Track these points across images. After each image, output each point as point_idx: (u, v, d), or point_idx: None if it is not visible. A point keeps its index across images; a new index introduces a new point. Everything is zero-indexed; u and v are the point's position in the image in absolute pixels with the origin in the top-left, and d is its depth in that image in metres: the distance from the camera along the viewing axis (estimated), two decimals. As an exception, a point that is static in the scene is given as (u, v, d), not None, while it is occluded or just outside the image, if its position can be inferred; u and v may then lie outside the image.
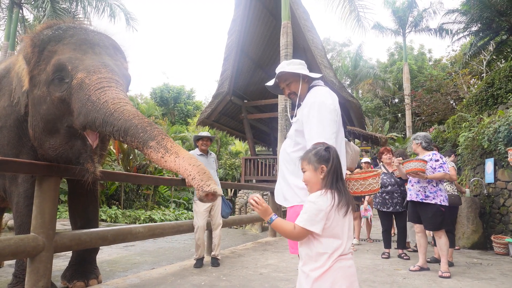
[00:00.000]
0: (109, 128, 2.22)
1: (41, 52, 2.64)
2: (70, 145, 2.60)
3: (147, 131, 2.07)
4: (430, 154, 4.21)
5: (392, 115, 26.53)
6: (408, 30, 22.72)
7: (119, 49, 2.95)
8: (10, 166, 2.51)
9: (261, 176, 13.91)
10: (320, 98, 2.07)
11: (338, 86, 12.08)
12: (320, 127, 1.97)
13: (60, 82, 2.51)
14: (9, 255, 2.50)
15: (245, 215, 10.66)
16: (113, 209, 12.23)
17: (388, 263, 4.58)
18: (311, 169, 1.67)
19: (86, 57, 2.56)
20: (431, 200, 4.02)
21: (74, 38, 2.65)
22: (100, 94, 2.31)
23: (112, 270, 4.44)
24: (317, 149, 1.70)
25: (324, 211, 1.55)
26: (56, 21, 2.90)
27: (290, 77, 2.25)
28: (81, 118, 2.36)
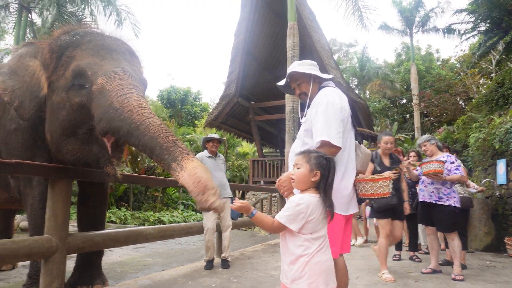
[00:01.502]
0: (135, 141, 2.24)
1: (59, 58, 2.65)
2: (88, 149, 2.60)
3: (171, 153, 2.10)
4: (445, 156, 4.17)
5: (400, 116, 26.34)
6: (415, 30, 22.53)
7: (134, 54, 2.96)
8: (24, 168, 2.53)
9: (269, 177, 13.89)
10: (328, 98, 2.08)
11: (345, 87, 12.04)
12: (326, 126, 1.98)
13: (79, 88, 2.51)
14: (24, 256, 2.53)
15: (253, 216, 10.66)
16: (122, 211, 12.32)
17: (400, 266, 4.54)
18: (307, 169, 1.72)
19: (105, 62, 2.56)
20: (445, 202, 3.98)
21: (92, 43, 2.66)
22: (123, 101, 2.31)
23: (123, 272, 4.47)
24: (320, 154, 1.75)
25: (305, 213, 1.63)
26: (73, 27, 2.92)
27: (301, 77, 2.27)
28: (103, 124, 2.36)
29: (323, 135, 1.96)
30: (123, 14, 15.70)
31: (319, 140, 1.97)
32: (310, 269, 1.62)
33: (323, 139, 1.96)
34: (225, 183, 4.57)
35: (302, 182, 1.73)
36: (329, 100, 2.06)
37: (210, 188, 1.89)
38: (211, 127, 14.47)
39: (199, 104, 31.42)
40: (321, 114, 2.03)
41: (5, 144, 3.05)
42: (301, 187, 1.74)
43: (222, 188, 4.47)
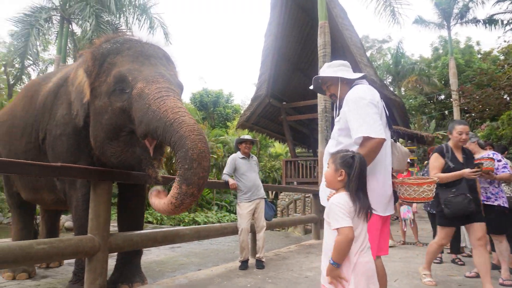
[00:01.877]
0: (168, 138, 2.34)
1: (101, 65, 2.78)
2: (131, 152, 2.71)
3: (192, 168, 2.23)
4: (490, 154, 3.94)
5: (438, 112, 25.28)
6: (453, 23, 21.50)
7: (170, 59, 3.08)
8: (68, 171, 2.68)
9: (302, 178, 13.79)
10: (357, 94, 2.06)
11: (379, 84, 11.72)
12: (361, 121, 1.95)
13: (121, 93, 2.63)
14: (70, 254, 2.68)
15: (288, 217, 10.62)
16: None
17: (441, 269, 4.35)
18: (332, 169, 1.76)
19: (144, 68, 2.67)
20: (493, 202, 3.76)
21: (131, 50, 2.78)
22: (160, 103, 2.41)
23: (161, 271, 4.60)
24: (345, 153, 1.78)
25: (345, 210, 1.65)
26: (113, 35, 3.08)
27: (329, 80, 2.27)
28: (143, 127, 2.47)
29: (360, 132, 1.92)
30: (155, 22, 16.22)
31: (358, 137, 1.93)
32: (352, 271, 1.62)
33: (362, 135, 1.92)
34: (258, 184, 4.59)
35: (330, 182, 1.79)
36: (359, 96, 2.04)
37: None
38: (243, 128, 14.58)
39: (231, 106, 31.78)
40: (353, 111, 2.00)
41: (52, 149, 3.23)
42: (331, 187, 1.81)
43: (256, 189, 4.49)
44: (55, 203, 3.77)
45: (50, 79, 3.65)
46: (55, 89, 3.37)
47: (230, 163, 4.51)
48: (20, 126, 3.64)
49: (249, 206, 4.34)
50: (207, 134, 18.59)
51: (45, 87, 3.56)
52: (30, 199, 3.94)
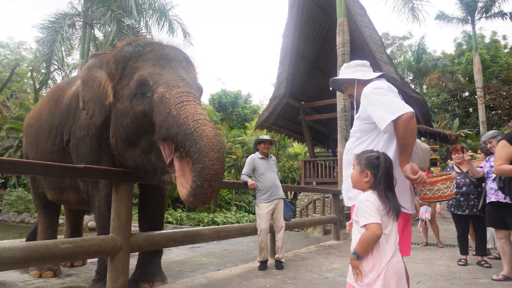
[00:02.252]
0: (187, 146, 2.39)
1: (124, 68, 2.84)
2: (147, 158, 2.77)
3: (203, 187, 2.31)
4: None
5: (462, 110, 24.52)
6: (478, 17, 20.80)
7: (190, 61, 3.11)
8: (91, 172, 2.75)
9: (321, 178, 13.67)
10: (372, 86, 2.05)
11: (400, 82, 11.49)
12: (382, 109, 1.92)
13: (142, 97, 2.68)
14: (93, 254, 2.74)
15: (307, 218, 10.55)
16: (178, 212, 12.84)
17: (466, 271, 4.22)
18: (358, 170, 1.77)
19: (165, 71, 2.71)
20: None
21: (153, 53, 2.82)
22: (181, 109, 2.46)
23: (181, 270, 4.65)
24: (370, 154, 1.77)
25: (375, 207, 1.64)
26: (135, 38, 3.13)
27: (345, 81, 2.29)
28: (164, 132, 2.52)
29: (386, 118, 1.87)
30: (175, 24, 16.44)
31: (387, 124, 1.87)
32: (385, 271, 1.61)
33: (387, 123, 1.87)
34: (277, 184, 4.58)
35: (356, 183, 1.80)
36: (374, 87, 2.03)
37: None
38: (262, 128, 14.58)
39: (249, 106, 31.84)
40: (372, 102, 1.98)
41: (76, 151, 3.32)
42: (358, 188, 1.81)
43: (274, 189, 4.48)
44: (79, 203, 3.87)
45: (74, 82, 3.76)
46: (78, 92, 3.47)
47: (249, 163, 4.52)
48: (46, 129, 3.76)
49: (268, 207, 4.34)
50: (226, 135, 18.70)
51: (69, 91, 3.66)
52: (55, 199, 4.06)
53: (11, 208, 13.76)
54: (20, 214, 13.46)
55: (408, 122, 1.85)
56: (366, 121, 2.06)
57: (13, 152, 15.31)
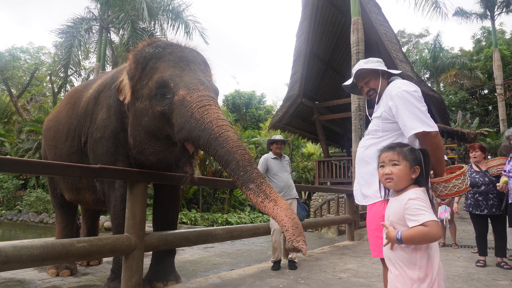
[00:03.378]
0: (212, 151, 2.42)
1: (144, 69, 2.87)
2: (170, 150, 2.84)
3: (247, 171, 2.26)
4: None
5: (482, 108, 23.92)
6: (498, 12, 20.24)
7: (207, 64, 3.14)
8: (106, 172, 2.80)
9: (336, 178, 13.56)
10: (404, 88, 2.01)
11: (416, 80, 11.30)
12: (414, 116, 1.92)
13: (162, 97, 2.72)
14: (108, 252, 2.79)
15: (321, 218, 10.48)
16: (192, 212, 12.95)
17: (485, 272, 4.11)
18: (406, 166, 1.65)
19: (184, 74, 2.75)
20: None
21: (173, 55, 2.86)
22: (203, 113, 2.50)
23: (195, 270, 4.68)
24: (412, 148, 1.69)
25: (428, 205, 1.57)
26: (155, 39, 3.17)
27: (368, 75, 2.22)
28: (184, 133, 2.57)
29: (415, 127, 1.88)
30: (190, 25, 16.59)
31: (413, 133, 1.89)
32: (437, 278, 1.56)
33: (417, 131, 1.88)
34: (290, 184, 4.56)
35: (401, 179, 1.65)
36: (407, 90, 1.99)
37: (303, 234, 2.03)
38: (276, 129, 14.56)
39: (263, 107, 31.87)
40: (403, 107, 1.95)
41: (93, 151, 3.39)
42: (401, 186, 1.67)
43: (288, 189, 4.47)
44: (95, 203, 3.94)
45: (91, 86, 3.83)
46: (95, 95, 3.53)
47: (262, 163, 4.52)
48: (64, 131, 3.85)
49: (281, 206, 4.32)
50: (240, 136, 18.76)
51: (86, 94, 3.74)
52: (72, 200, 4.15)
53: (31, 209, 14.14)
54: (39, 214, 13.82)
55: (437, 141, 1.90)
56: (389, 121, 2.04)
57: (32, 154, 15.74)
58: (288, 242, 1.97)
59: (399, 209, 1.60)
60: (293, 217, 2.04)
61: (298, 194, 4.61)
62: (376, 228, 1.99)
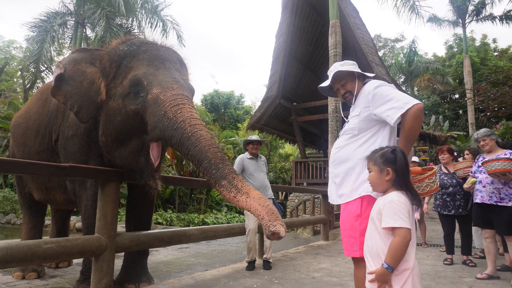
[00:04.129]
0: (184, 150, 2.40)
1: (118, 67, 2.82)
2: (136, 160, 2.79)
3: (219, 169, 2.24)
4: (507, 153, 3.82)
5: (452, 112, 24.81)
6: (469, 20, 21.10)
7: (183, 63, 3.12)
8: (78, 171, 2.72)
9: (312, 179, 13.71)
10: (375, 84, 2.10)
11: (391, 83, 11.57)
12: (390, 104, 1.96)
13: (135, 96, 2.68)
14: (77, 254, 2.70)
15: (297, 218, 10.57)
16: (168, 213, 12.78)
17: (452, 270, 4.27)
18: (376, 171, 1.70)
19: (159, 72, 2.71)
20: (507, 203, 3.67)
21: (147, 53, 2.82)
22: (177, 112, 2.47)
23: (168, 271, 4.63)
24: (383, 151, 1.72)
25: (407, 210, 1.59)
26: (130, 37, 3.11)
27: (345, 77, 2.26)
28: (157, 132, 2.54)
29: (401, 108, 1.92)
30: (168, 24, 16.39)
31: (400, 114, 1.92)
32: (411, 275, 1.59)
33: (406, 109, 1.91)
34: (266, 184, 4.58)
35: (377, 184, 1.72)
36: (377, 84, 2.08)
37: (280, 218, 2.00)
38: (254, 129, 14.58)
39: (242, 107, 31.85)
40: (383, 95, 2.01)
41: (64, 150, 3.29)
42: (380, 190, 1.73)
43: (263, 189, 4.48)
44: (66, 203, 3.83)
45: None
46: None
47: (238, 163, 4.52)
48: (34, 128, 3.72)
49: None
50: (217, 136, 18.68)
51: None
52: (42, 199, 4.02)
53: (-3, 209, 13.57)
54: (6, 215, 13.28)
55: (419, 113, 1.92)
56: (365, 119, 2.08)
57: (1, 152, 15.11)
58: (266, 229, 1.92)
59: (380, 207, 1.67)
60: (267, 204, 2.02)
61: (275, 195, 4.64)
62: (349, 228, 2.02)
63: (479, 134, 4.00)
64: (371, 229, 1.71)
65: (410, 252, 1.60)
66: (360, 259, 1.93)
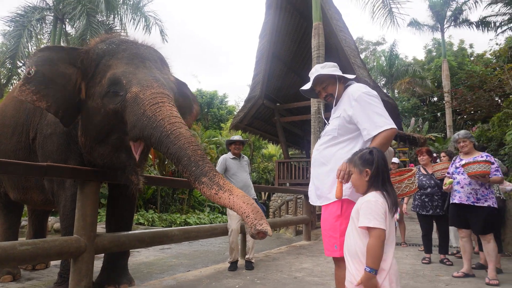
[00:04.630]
0: (164, 149, 2.35)
1: (97, 66, 2.76)
2: (117, 156, 2.74)
3: (199, 166, 2.19)
4: (484, 156, 3.94)
5: (431, 114, 25.45)
6: (447, 25, 21.70)
7: (165, 61, 3.07)
8: (54, 171, 2.66)
9: (295, 179, 13.80)
10: (364, 89, 2.09)
11: (373, 86, 11.77)
12: (377, 116, 1.99)
13: (114, 95, 2.62)
14: (54, 255, 2.64)
15: (279, 218, 10.62)
16: (150, 213, 12.60)
17: (429, 269, 4.38)
18: (357, 172, 1.73)
19: (138, 71, 2.66)
20: (483, 203, 3.79)
21: (127, 52, 2.76)
22: (156, 110, 2.42)
23: (150, 272, 4.57)
24: (362, 153, 1.75)
25: (383, 210, 1.61)
26: (109, 35, 3.05)
27: (326, 80, 2.25)
28: (136, 131, 2.48)
29: (379, 127, 1.95)
30: (151, 20, 16.15)
31: (378, 133, 1.95)
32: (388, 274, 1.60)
33: (382, 130, 1.95)
34: (249, 184, 4.59)
35: (358, 186, 1.75)
36: (363, 92, 2.07)
37: (264, 217, 1.97)
38: (237, 129, 14.56)
39: (225, 107, 31.76)
40: (363, 108, 2.02)
41: (42, 148, 3.21)
42: (361, 191, 1.76)
43: (246, 189, 4.48)
44: (44, 203, 3.74)
45: None
46: None
47: (221, 163, 4.52)
48: (11, 126, 3.61)
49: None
50: (200, 136, 18.56)
51: None
52: (18, 199, 3.90)
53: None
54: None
55: (389, 138, 1.96)
56: (347, 122, 2.08)
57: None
58: (251, 227, 1.89)
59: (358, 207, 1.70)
60: (251, 202, 2.00)
61: (258, 195, 4.66)
62: (330, 228, 2.04)
63: (460, 135, 4.07)
64: (351, 228, 1.74)
65: (388, 252, 1.62)
66: (340, 259, 1.95)
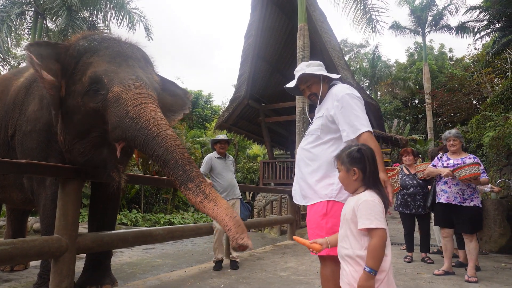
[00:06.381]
0: (149, 151, 2.29)
1: (77, 63, 2.68)
2: (98, 152, 2.68)
3: (186, 171, 2.15)
4: (471, 158, 4.01)
5: (412, 116, 25.99)
6: (428, 30, 22.23)
7: (149, 60, 3.00)
8: (34, 168, 2.58)
9: (279, 179, 13.86)
10: (348, 91, 2.09)
11: (356, 87, 11.94)
12: (360, 117, 2.00)
13: (95, 94, 2.55)
14: (34, 256, 2.57)
15: (264, 218, 10.64)
16: (133, 213, 12.43)
17: (411, 267, 4.46)
18: (344, 170, 1.67)
19: (121, 70, 2.59)
20: (469, 203, 3.89)
21: (109, 50, 2.69)
22: (140, 111, 2.36)
23: (133, 272, 4.50)
24: (350, 150, 1.68)
25: (382, 209, 1.57)
26: (91, 32, 2.97)
27: (310, 79, 2.26)
28: (119, 132, 2.42)
29: (357, 130, 1.97)
30: (135, 17, 15.91)
31: (360, 133, 1.96)
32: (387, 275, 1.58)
33: (364, 131, 1.96)
34: (234, 184, 4.57)
35: (347, 184, 1.70)
36: (351, 93, 2.08)
37: (246, 231, 1.97)
38: (222, 129, 14.52)
39: (210, 107, 31.59)
40: (347, 108, 2.02)
41: (21, 145, 3.11)
42: (350, 190, 1.71)
43: (231, 188, 4.47)
44: (23, 202, 3.63)
45: (22, 74, 3.51)
46: (27, 84, 3.24)
47: (206, 162, 4.49)
48: None
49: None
50: (185, 135, 18.40)
51: (16, 82, 3.42)
52: (-4, 198, 3.78)
53: None
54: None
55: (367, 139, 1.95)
56: (329, 122, 2.09)
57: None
58: (233, 241, 1.91)
59: (354, 207, 1.62)
60: (234, 215, 1.99)
61: (243, 195, 4.65)
62: (316, 227, 2.04)
63: (451, 134, 4.13)
64: (345, 230, 1.65)
65: (387, 252, 1.60)
66: (326, 258, 1.96)
